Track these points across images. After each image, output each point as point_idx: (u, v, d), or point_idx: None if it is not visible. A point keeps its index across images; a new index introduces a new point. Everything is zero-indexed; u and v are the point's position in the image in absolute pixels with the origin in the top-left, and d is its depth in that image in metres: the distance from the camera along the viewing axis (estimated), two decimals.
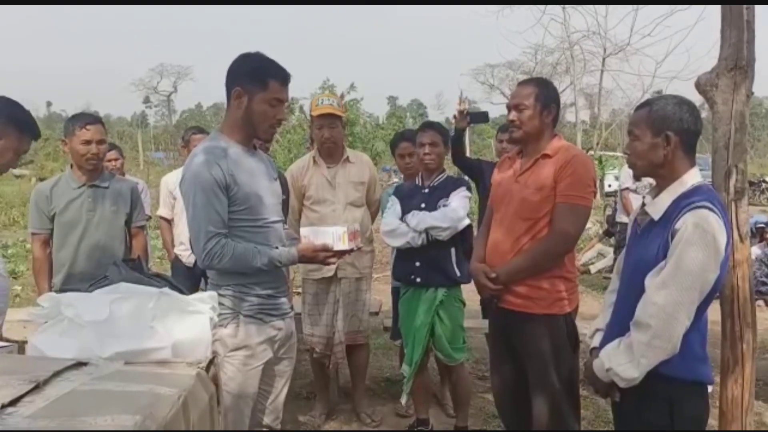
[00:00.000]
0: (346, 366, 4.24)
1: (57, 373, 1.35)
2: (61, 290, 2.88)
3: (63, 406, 1.21)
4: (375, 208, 4.22)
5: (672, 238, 2.04)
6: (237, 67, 2.45)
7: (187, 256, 4.49)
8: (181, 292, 1.99)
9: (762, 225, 7.61)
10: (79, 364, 1.45)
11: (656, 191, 2.22)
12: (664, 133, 2.12)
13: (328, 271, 3.74)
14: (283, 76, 2.45)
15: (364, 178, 4.01)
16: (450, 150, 3.74)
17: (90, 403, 1.23)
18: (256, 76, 2.41)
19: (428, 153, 3.50)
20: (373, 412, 4.15)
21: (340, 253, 2.60)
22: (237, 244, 2.39)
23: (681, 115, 2.12)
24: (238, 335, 2.43)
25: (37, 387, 1.27)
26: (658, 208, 2.16)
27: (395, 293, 4.08)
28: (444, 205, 3.45)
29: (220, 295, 2.25)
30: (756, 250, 6.75)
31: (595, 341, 2.40)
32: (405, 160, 4.06)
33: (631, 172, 2.42)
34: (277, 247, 2.50)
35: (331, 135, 3.85)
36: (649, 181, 2.50)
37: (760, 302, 6.70)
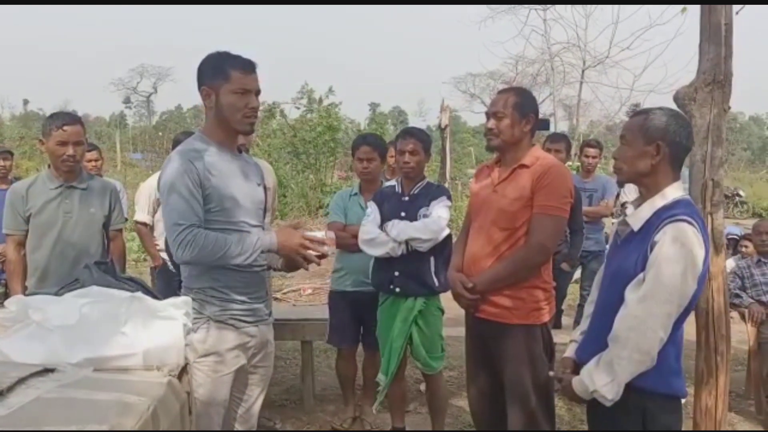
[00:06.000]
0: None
1: (22, 380, 1.31)
2: (35, 293, 2.81)
3: (26, 414, 1.17)
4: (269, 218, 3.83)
5: (651, 249, 2.04)
6: (200, 68, 2.47)
7: (170, 260, 4.33)
8: (154, 296, 1.96)
9: (734, 236, 7.66)
10: (46, 371, 1.41)
11: (639, 202, 2.23)
12: (656, 142, 2.12)
13: None
14: (243, 65, 2.43)
15: None
16: (430, 157, 3.64)
17: (55, 412, 1.19)
18: (217, 71, 2.42)
19: (407, 161, 3.44)
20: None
21: (322, 255, 2.50)
22: (209, 232, 2.32)
23: (675, 129, 2.13)
24: (208, 341, 2.36)
25: (0, 394, 1.23)
26: (638, 218, 2.17)
27: None
28: (425, 215, 3.40)
29: (191, 299, 2.20)
30: (731, 263, 6.80)
31: (569, 351, 2.41)
32: (363, 164, 3.85)
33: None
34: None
35: None
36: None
37: (734, 314, 6.74)
